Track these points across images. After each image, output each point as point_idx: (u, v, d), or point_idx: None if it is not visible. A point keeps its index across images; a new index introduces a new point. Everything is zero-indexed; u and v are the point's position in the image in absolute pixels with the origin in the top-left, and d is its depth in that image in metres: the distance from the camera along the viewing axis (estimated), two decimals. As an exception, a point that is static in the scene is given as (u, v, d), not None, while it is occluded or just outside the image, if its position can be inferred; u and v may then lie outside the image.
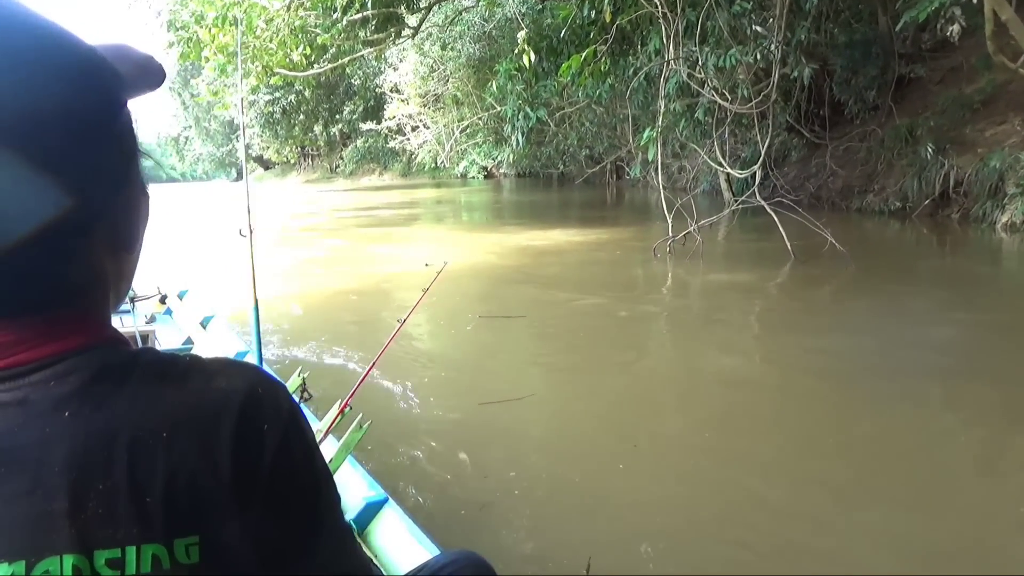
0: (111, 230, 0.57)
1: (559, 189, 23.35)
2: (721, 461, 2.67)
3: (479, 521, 2.28)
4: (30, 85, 0.49)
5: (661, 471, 2.67)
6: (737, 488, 2.46)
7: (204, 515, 0.53)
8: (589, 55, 6.65)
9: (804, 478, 2.51)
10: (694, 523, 2.27)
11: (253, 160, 49.53)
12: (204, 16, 8.97)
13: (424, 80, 20.97)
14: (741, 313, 5.12)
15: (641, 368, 4.03)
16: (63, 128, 0.51)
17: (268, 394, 0.58)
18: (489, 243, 9.28)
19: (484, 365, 4.16)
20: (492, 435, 3.02)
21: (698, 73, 7.23)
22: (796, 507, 2.32)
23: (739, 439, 2.89)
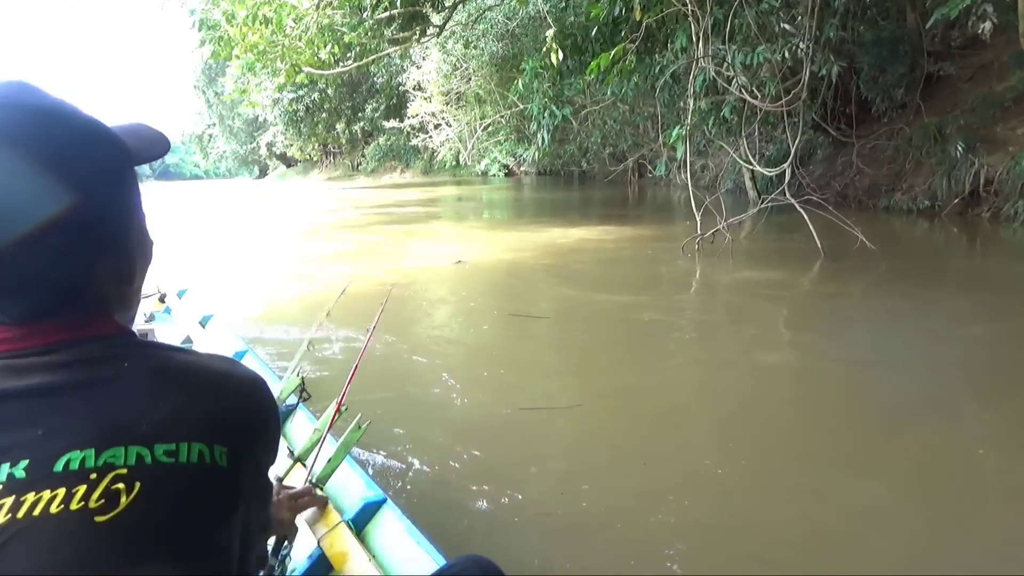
0: (115, 264, 0.72)
1: (580, 187, 23.33)
2: (790, 477, 2.57)
3: (551, 540, 2.23)
4: (72, 153, 0.68)
5: (729, 492, 2.48)
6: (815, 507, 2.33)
7: (231, 435, 0.71)
8: (618, 53, 6.67)
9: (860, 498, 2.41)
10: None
11: (276, 158, 49.99)
12: (235, 15, 9.09)
13: (447, 78, 21.04)
14: (776, 314, 5.05)
15: (682, 372, 3.91)
16: (89, 180, 0.68)
17: (261, 382, 0.79)
18: (514, 240, 9.32)
19: (519, 366, 4.08)
20: (544, 442, 2.94)
21: (726, 71, 7.21)
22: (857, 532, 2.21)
23: (794, 453, 2.79)
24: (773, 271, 6.53)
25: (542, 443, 2.94)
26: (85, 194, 0.67)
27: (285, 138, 38.51)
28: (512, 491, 2.48)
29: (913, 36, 11.15)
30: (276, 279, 7.38)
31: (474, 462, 2.75)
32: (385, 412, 3.15)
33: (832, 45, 9.00)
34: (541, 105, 9.79)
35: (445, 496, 2.49)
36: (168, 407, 0.67)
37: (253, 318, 5.41)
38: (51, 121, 0.68)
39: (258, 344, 4.64)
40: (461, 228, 12.09)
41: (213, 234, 13.04)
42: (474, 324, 5.05)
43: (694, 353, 4.28)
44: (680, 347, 4.40)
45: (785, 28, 7.51)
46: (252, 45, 9.36)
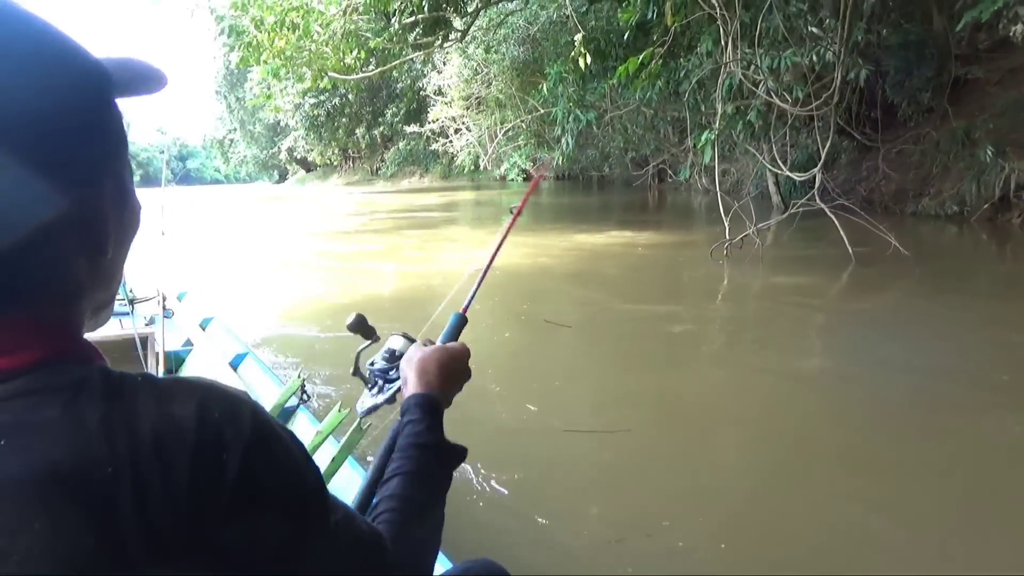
0: (83, 229, 0.55)
1: (599, 192, 23.31)
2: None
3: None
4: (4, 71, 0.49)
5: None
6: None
7: (164, 554, 0.49)
8: (646, 57, 6.68)
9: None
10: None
11: (296, 162, 50.44)
12: (263, 21, 9.21)
13: (468, 83, 21.15)
14: (814, 322, 4.96)
15: (729, 391, 3.64)
16: (35, 115, 0.50)
17: (225, 416, 0.54)
18: (539, 245, 9.31)
19: (551, 378, 3.85)
20: (593, 472, 2.70)
21: (755, 74, 7.19)
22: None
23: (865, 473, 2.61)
24: (805, 276, 6.46)
25: (591, 472, 2.69)
26: (34, 132, 0.50)
27: (306, 143, 38.89)
28: (568, 533, 2.25)
29: (940, 39, 11.05)
30: (302, 282, 7.44)
31: (521, 492, 2.50)
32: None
33: (859, 48, 8.93)
34: (566, 109, 9.81)
35: (494, 540, 2.24)
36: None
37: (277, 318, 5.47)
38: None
39: (274, 342, 4.71)
40: (484, 232, 12.12)
41: (236, 237, 13.15)
42: (502, 330, 4.97)
43: (735, 367, 4.06)
44: (721, 361, 4.22)
45: (813, 32, 7.46)
46: (280, 50, 9.47)
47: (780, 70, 7.62)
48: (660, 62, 7.38)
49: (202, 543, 0.51)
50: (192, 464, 0.50)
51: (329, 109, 33.46)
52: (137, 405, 0.51)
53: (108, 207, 0.57)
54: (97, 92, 0.56)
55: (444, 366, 0.96)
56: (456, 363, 0.98)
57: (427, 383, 0.93)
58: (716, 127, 7.00)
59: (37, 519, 0.45)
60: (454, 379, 0.97)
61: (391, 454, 0.86)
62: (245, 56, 9.85)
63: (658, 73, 7.71)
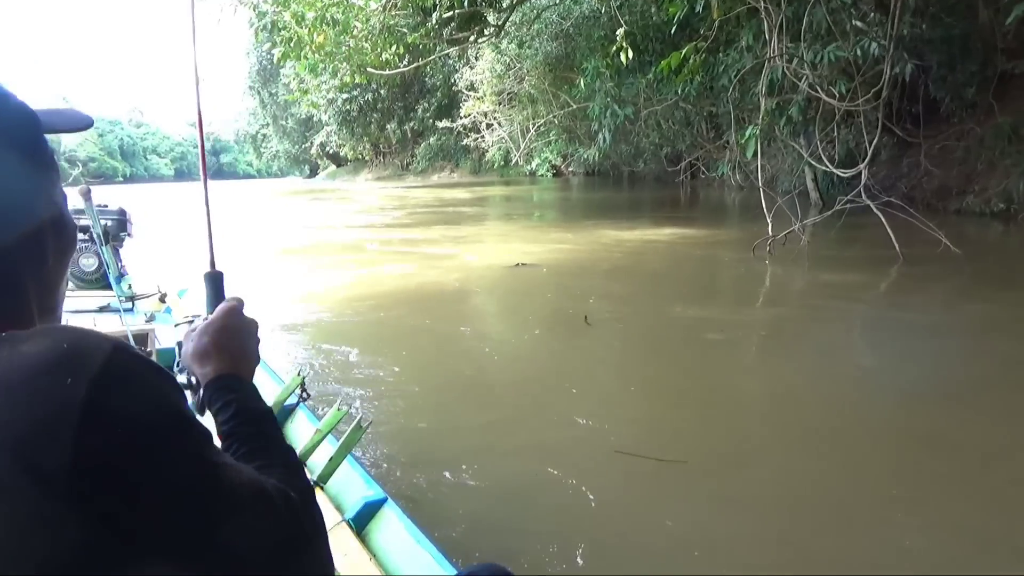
0: (29, 246, 0.63)
1: (630, 188, 23.18)
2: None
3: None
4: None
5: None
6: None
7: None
8: (689, 51, 6.64)
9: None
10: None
11: (327, 157, 50.93)
12: (304, 16, 9.32)
13: (500, 78, 21.17)
14: (872, 324, 4.74)
15: (783, 399, 3.37)
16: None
17: (75, 350, 0.52)
18: (576, 241, 9.29)
19: (592, 387, 3.62)
20: (657, 507, 2.39)
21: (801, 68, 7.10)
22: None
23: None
24: (854, 275, 6.30)
25: (653, 506, 2.41)
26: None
27: (338, 138, 39.23)
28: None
29: (985, 33, 10.80)
30: (309, 278, 7.43)
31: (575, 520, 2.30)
32: (439, 429, 3.07)
33: (905, 43, 8.78)
34: (603, 104, 9.78)
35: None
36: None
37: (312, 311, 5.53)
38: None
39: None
40: (517, 228, 12.13)
41: (251, 232, 13.26)
42: (541, 332, 4.84)
43: (797, 376, 3.72)
44: (781, 370, 3.91)
45: (857, 25, 7.36)
46: (319, 46, 9.58)
47: (823, 64, 7.52)
48: (703, 56, 7.32)
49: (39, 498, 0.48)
50: (32, 395, 0.50)
51: (361, 104, 33.71)
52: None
53: (46, 225, 0.65)
54: (31, 130, 0.65)
55: (221, 339, 0.87)
56: (231, 328, 0.89)
57: (215, 367, 0.85)
58: (760, 122, 6.93)
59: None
60: (238, 342, 0.88)
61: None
62: (285, 52, 9.99)
63: (699, 68, 7.65)
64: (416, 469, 2.65)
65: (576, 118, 19.55)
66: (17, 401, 0.50)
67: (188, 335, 0.90)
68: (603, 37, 15.13)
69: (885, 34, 7.39)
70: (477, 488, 2.50)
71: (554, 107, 19.50)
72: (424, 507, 2.34)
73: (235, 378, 0.84)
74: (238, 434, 0.78)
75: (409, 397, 3.49)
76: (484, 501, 2.43)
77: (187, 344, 0.89)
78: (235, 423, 0.79)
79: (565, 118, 19.73)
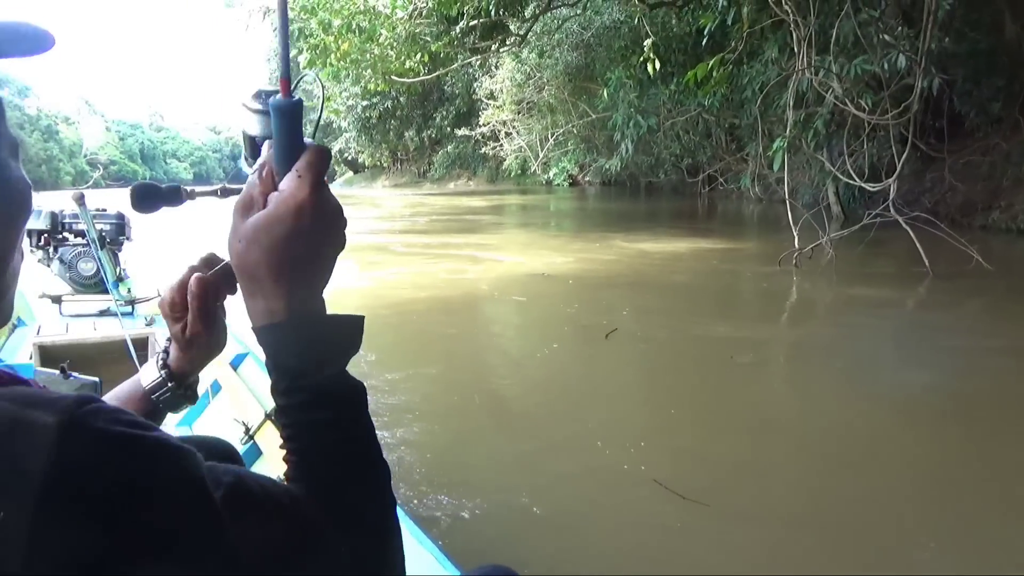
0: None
1: (647, 198, 23.13)
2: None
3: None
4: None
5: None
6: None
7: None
8: (716, 63, 6.65)
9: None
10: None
11: (344, 163, 51.26)
12: (331, 24, 9.43)
13: (520, 87, 21.26)
14: (908, 342, 4.61)
15: (816, 427, 3.19)
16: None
17: (6, 448, 0.39)
18: (597, 252, 9.25)
19: (617, 408, 3.48)
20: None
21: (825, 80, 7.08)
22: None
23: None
24: (884, 290, 6.21)
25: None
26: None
27: (357, 144, 39.48)
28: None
29: (1012, 48, 10.73)
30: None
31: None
32: (453, 444, 3.02)
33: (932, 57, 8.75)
34: (626, 115, 9.80)
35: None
36: None
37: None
38: None
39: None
40: (537, 237, 12.13)
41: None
42: (562, 346, 4.77)
43: (834, 402, 3.52)
44: (814, 392, 3.73)
45: (885, 39, 7.34)
46: (345, 53, 9.68)
47: (849, 78, 7.49)
48: (730, 67, 7.33)
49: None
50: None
51: (381, 111, 33.92)
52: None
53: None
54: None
55: (279, 255, 0.54)
56: (302, 233, 0.54)
57: (265, 303, 0.55)
58: (787, 134, 6.91)
59: None
60: (307, 261, 0.55)
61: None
62: (312, 58, 10.10)
63: (722, 80, 7.66)
64: (431, 485, 2.63)
65: (595, 128, 19.59)
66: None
67: (233, 222, 0.56)
68: (624, 48, 15.17)
69: (912, 47, 7.37)
70: (493, 505, 2.47)
71: (573, 117, 19.56)
72: (432, 514, 2.36)
73: (306, 323, 0.55)
74: (305, 445, 0.57)
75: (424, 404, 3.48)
76: (498, 514, 2.42)
77: (233, 239, 0.56)
78: (303, 427, 0.57)
79: (583, 128, 19.78)
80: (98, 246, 3.61)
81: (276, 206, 0.54)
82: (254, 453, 2.24)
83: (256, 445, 2.23)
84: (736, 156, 16.31)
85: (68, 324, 3.54)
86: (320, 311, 0.58)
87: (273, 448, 2.12)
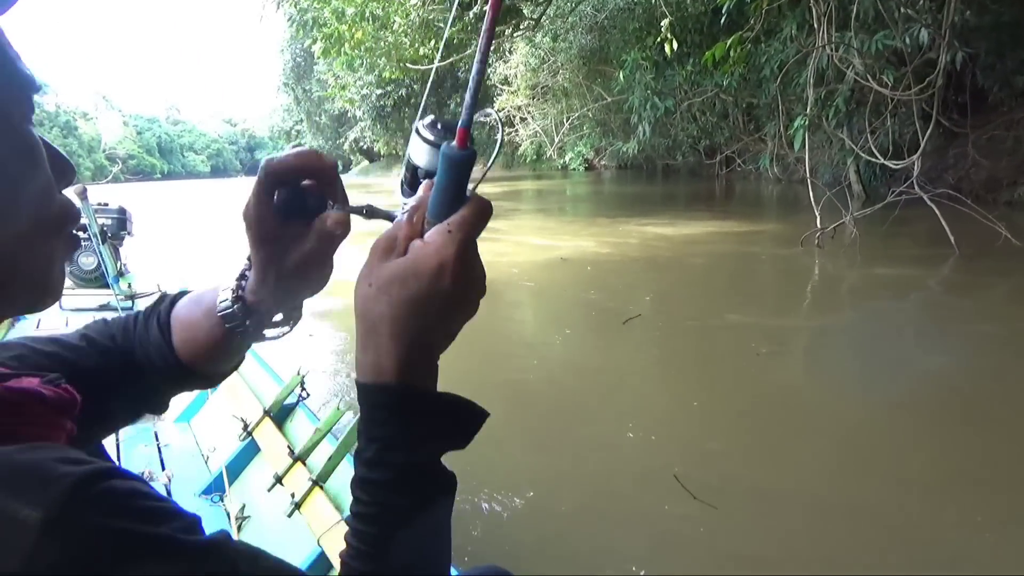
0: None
1: (664, 181, 22.94)
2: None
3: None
4: None
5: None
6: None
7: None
8: (735, 42, 6.57)
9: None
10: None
11: (360, 153, 51.38)
12: (344, 12, 9.42)
13: (534, 72, 21.11)
14: (939, 321, 4.53)
15: (847, 426, 3.01)
16: None
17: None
18: (617, 236, 9.18)
19: (636, 400, 3.36)
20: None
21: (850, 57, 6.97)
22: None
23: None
24: (909, 270, 6.11)
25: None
26: None
27: (372, 133, 39.51)
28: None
29: (1037, 20, 10.48)
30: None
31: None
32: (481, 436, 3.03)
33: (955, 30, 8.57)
34: (643, 97, 9.72)
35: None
36: None
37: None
38: None
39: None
40: (555, 222, 12.10)
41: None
42: (588, 332, 4.73)
43: (870, 395, 3.30)
44: (844, 384, 3.51)
45: (906, 13, 7.20)
46: (359, 41, 9.68)
47: (870, 53, 7.37)
48: (748, 47, 7.23)
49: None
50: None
51: (396, 99, 33.89)
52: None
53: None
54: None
55: (406, 313, 0.50)
56: (436, 296, 0.50)
57: (376, 359, 0.50)
58: (808, 113, 6.82)
59: None
60: (428, 330, 0.51)
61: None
62: (326, 48, 10.10)
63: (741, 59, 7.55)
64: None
65: (610, 111, 19.42)
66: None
67: (371, 256, 0.52)
68: (638, 29, 15.01)
69: (934, 21, 7.23)
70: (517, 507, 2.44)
71: (588, 100, 19.42)
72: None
73: (414, 394, 0.51)
74: (375, 530, 0.50)
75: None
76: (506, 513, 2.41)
77: (368, 274, 0.51)
78: (378, 508, 0.50)
79: (599, 111, 19.64)
80: (99, 240, 3.64)
81: (417, 259, 0.50)
82: (252, 450, 2.23)
83: (254, 442, 2.22)
84: (754, 136, 16.13)
85: (68, 318, 3.58)
86: (433, 383, 0.52)
87: (271, 446, 2.12)
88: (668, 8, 12.62)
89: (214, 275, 1.14)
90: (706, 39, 10.84)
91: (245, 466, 2.21)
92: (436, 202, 0.52)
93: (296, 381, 2.26)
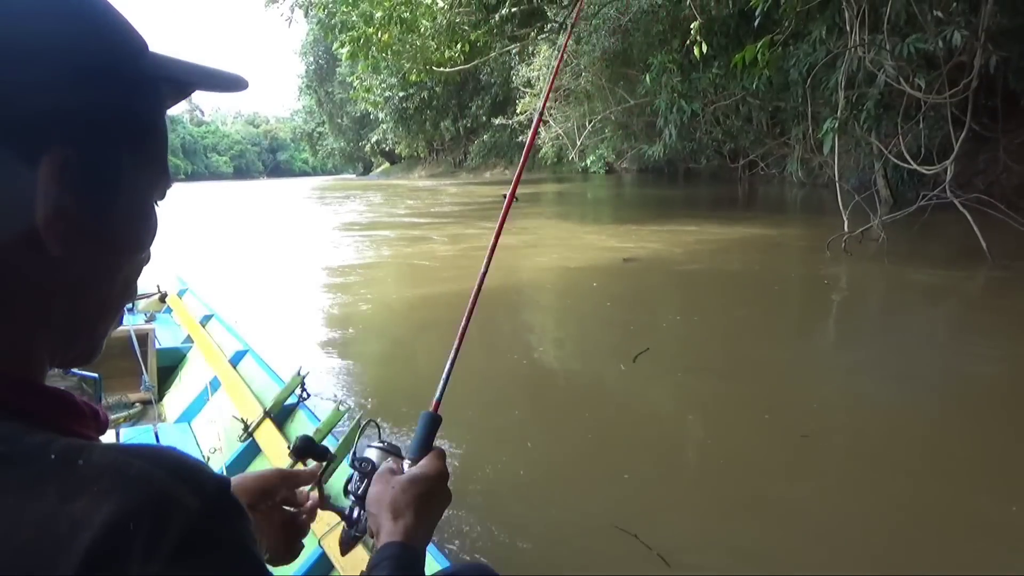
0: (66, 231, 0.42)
1: (686, 184, 22.84)
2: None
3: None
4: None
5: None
6: None
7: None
8: (764, 44, 6.53)
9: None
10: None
11: (381, 155, 51.69)
12: (372, 16, 9.50)
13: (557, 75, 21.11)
14: (976, 335, 4.36)
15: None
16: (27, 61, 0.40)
17: (147, 522, 0.37)
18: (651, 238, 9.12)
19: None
20: None
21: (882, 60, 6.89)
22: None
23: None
24: (940, 277, 6.01)
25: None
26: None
27: (394, 135, 39.78)
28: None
29: (1071, 22, 10.30)
30: (317, 276, 7.52)
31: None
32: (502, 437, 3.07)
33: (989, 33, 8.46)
34: (669, 100, 9.69)
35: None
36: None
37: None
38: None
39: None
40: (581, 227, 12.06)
41: (272, 232, 13.37)
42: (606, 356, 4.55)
43: (914, 417, 3.13)
44: (884, 404, 3.28)
45: (939, 16, 7.12)
46: (385, 44, 9.75)
47: (902, 56, 7.29)
48: (779, 50, 7.17)
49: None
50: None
51: (418, 102, 34.10)
52: (43, 497, 0.37)
53: (60, 185, 0.42)
54: (121, 51, 0.47)
55: (419, 503, 0.77)
56: (433, 495, 0.80)
57: (404, 528, 0.75)
58: (838, 116, 6.76)
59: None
60: (433, 513, 0.80)
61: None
62: (353, 50, 10.17)
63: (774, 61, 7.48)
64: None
65: (632, 114, 19.38)
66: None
67: (383, 475, 0.81)
68: (662, 32, 14.97)
69: (967, 24, 7.13)
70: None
71: (611, 103, 19.38)
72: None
73: (415, 554, 0.74)
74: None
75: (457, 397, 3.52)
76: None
77: (381, 486, 0.79)
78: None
79: (621, 114, 19.60)
80: None
81: (426, 469, 0.82)
82: (252, 451, 2.22)
83: (255, 442, 2.21)
84: (779, 140, 16.01)
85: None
86: (423, 546, 0.78)
87: (271, 446, 2.12)
88: (695, 10, 12.59)
89: (214, 275, 1.14)
90: (732, 42, 10.79)
91: (246, 467, 2.19)
92: (416, 448, 0.87)
93: (296, 382, 2.27)
